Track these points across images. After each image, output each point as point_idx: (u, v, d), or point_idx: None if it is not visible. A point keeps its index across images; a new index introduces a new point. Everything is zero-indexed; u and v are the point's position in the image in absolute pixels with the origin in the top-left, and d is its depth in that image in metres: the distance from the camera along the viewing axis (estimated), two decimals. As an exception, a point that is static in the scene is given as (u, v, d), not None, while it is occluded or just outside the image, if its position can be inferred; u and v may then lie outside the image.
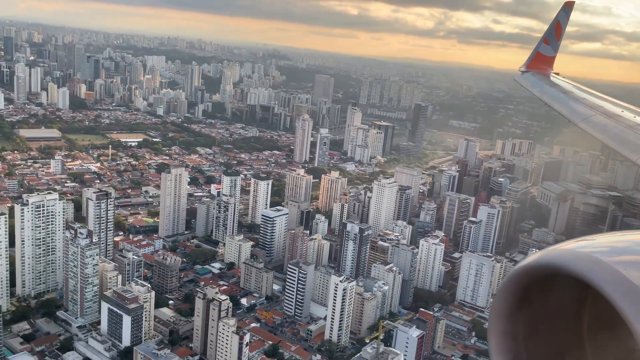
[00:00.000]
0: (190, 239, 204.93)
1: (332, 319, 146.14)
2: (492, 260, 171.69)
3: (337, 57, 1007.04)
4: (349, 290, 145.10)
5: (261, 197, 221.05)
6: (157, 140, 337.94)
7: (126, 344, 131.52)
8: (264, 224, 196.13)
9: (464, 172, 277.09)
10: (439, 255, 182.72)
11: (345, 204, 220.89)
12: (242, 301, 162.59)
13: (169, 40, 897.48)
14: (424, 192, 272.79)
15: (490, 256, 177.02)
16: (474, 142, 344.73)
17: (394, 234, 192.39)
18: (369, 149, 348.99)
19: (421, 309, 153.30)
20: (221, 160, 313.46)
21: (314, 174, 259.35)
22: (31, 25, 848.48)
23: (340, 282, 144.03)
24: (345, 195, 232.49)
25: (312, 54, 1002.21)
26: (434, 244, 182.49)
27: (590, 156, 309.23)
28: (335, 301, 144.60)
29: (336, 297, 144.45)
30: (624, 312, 4.39)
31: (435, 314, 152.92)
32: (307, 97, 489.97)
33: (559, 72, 29.88)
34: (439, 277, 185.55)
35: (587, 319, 5.75)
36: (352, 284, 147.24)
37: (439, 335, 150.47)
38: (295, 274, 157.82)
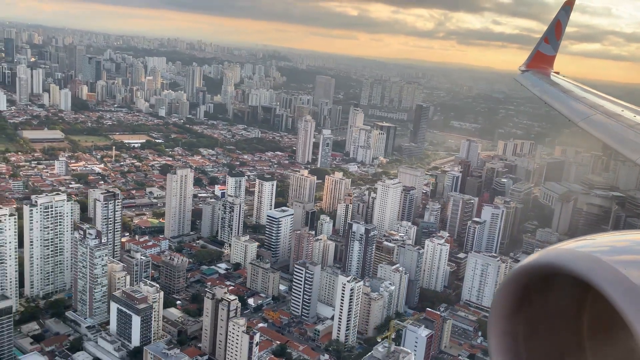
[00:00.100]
0: (195, 240, 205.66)
1: (340, 319, 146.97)
2: (498, 260, 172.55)
3: (336, 58, 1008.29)
4: (357, 290, 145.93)
5: (266, 197, 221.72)
6: (159, 141, 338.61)
7: (135, 344, 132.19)
8: (269, 224, 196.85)
9: (467, 172, 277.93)
10: (445, 255, 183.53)
11: (349, 204, 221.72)
12: (249, 301, 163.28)
13: (169, 41, 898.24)
14: (426, 192, 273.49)
15: (495, 256, 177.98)
16: (475, 142, 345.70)
17: (399, 235, 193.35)
18: (371, 149, 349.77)
19: (428, 309, 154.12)
20: (224, 161, 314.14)
21: (317, 175, 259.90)
22: (31, 26, 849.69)
23: (347, 282, 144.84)
24: (349, 196, 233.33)
25: (311, 55, 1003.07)
26: (439, 244, 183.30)
27: (592, 156, 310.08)
28: (342, 301, 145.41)
29: (344, 297, 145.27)
30: (624, 311, 4.35)
31: (441, 314, 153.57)
32: (308, 98, 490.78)
33: (559, 71, 30.05)
34: (444, 277, 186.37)
35: (587, 318, 5.75)
36: (360, 284, 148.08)
37: (445, 335, 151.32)
38: (302, 274, 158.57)
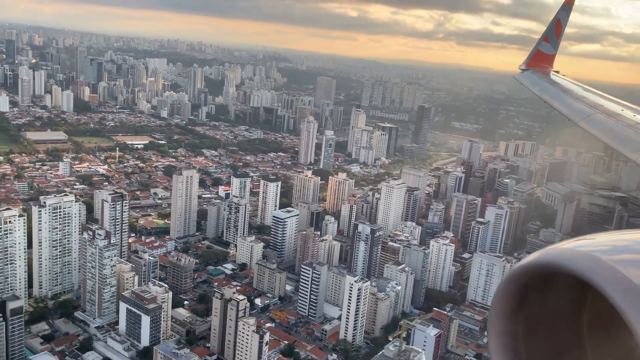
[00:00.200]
0: (201, 241, 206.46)
1: (347, 319, 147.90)
2: (503, 260, 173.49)
3: (336, 59, 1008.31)
4: (364, 290, 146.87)
5: (270, 198, 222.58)
6: (162, 142, 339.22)
7: (145, 344, 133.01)
8: (275, 225, 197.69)
9: (469, 173, 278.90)
10: (450, 255, 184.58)
11: (354, 205, 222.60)
12: (256, 301, 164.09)
13: (169, 42, 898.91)
14: (429, 193, 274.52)
15: (500, 256, 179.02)
16: (477, 143, 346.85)
17: (404, 235, 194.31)
18: (374, 150, 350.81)
19: (435, 309, 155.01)
20: (227, 162, 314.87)
21: (320, 176, 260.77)
22: (31, 27, 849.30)
23: (355, 282, 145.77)
24: (353, 196, 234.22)
25: (311, 56, 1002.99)
26: (444, 244, 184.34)
27: (593, 157, 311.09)
28: (350, 301, 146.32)
29: (351, 297, 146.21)
30: (623, 311, 4.36)
31: (448, 314, 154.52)
32: (309, 99, 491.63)
33: (558, 71, 30.03)
34: (449, 277, 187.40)
35: (586, 318, 5.76)
36: (367, 284, 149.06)
37: (452, 334, 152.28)
38: (309, 274, 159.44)
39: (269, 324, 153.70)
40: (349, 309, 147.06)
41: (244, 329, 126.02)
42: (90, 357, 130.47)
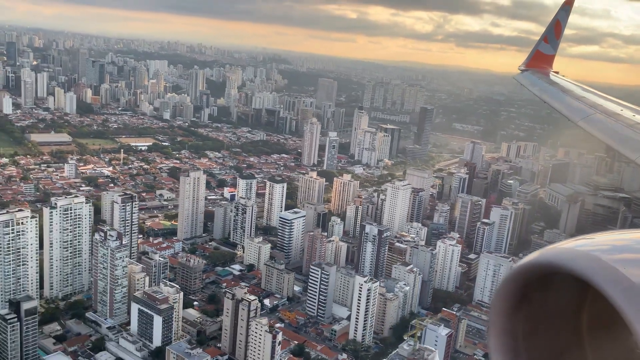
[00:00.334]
0: (208, 242, 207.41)
1: (357, 319, 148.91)
2: (510, 260, 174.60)
3: (336, 61, 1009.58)
4: (373, 290, 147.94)
5: (276, 199, 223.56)
6: (166, 144, 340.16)
7: (157, 344, 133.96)
8: (281, 226, 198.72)
9: (473, 174, 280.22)
10: (456, 256, 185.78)
11: (359, 206, 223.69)
12: (265, 302, 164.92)
13: (169, 44, 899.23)
14: (433, 194, 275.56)
15: (507, 257, 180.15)
16: (479, 144, 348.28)
17: (410, 236, 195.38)
18: (376, 152, 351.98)
19: (444, 309, 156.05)
20: (231, 163, 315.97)
21: (324, 177, 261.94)
22: (31, 29, 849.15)
23: (364, 282, 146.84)
24: (359, 197, 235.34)
25: (311, 57, 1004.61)
26: (450, 245, 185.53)
27: (595, 158, 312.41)
28: (359, 301, 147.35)
29: (361, 298, 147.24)
30: (623, 310, 4.36)
31: (457, 314, 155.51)
32: (311, 100, 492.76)
33: (558, 71, 29.99)
34: (456, 278, 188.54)
35: (586, 317, 5.75)
36: (376, 285, 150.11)
37: (460, 334, 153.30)
38: (318, 275, 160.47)
39: (278, 324, 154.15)
40: (359, 309, 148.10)
41: (256, 328, 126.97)
42: (103, 357, 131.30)
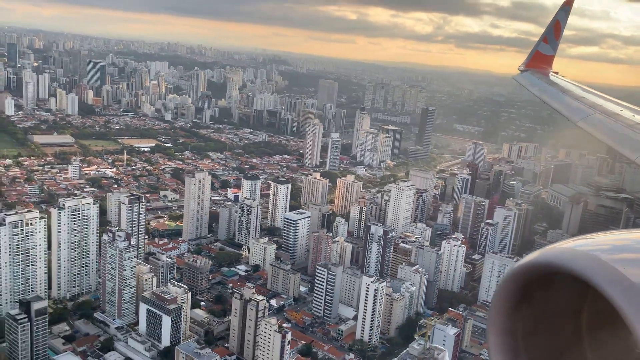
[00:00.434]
0: (213, 242, 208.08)
1: (364, 319, 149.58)
2: (515, 261, 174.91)
3: (335, 62, 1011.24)
4: (380, 290, 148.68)
5: (280, 200, 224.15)
6: (168, 145, 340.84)
7: (165, 344, 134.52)
8: (286, 226, 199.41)
9: (475, 175, 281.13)
10: (461, 256, 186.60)
11: (363, 207, 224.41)
12: (272, 302, 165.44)
13: (169, 45, 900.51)
14: (435, 195, 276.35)
15: (512, 257, 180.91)
16: (481, 145, 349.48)
17: (415, 236, 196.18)
18: (378, 153, 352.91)
19: (450, 309, 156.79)
20: (233, 164, 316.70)
21: (327, 178, 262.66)
22: (31, 31, 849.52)
23: (372, 282, 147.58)
24: (363, 198, 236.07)
25: (311, 59, 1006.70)
26: (455, 245, 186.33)
27: (597, 159, 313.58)
28: (366, 301, 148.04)
29: (367, 298, 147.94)
30: (622, 310, 4.37)
31: (462, 314, 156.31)
32: (312, 101, 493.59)
33: (557, 71, 29.99)
34: (461, 278, 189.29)
35: (586, 317, 5.77)
36: (383, 285, 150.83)
37: (466, 334, 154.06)
38: (324, 275, 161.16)
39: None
40: (366, 310, 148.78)
41: (266, 328, 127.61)
42: (112, 357, 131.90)
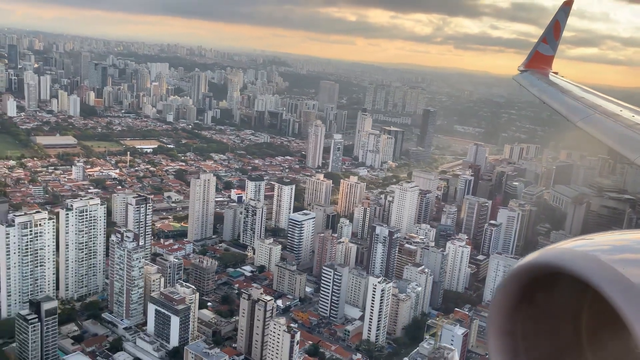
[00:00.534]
0: (218, 243, 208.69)
1: (370, 319, 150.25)
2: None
3: (334, 63, 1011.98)
4: (387, 291, 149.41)
5: (285, 201, 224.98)
6: (171, 146, 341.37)
7: (174, 344, 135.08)
8: (292, 227, 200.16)
9: (478, 176, 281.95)
10: (466, 257, 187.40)
11: (367, 208, 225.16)
12: (278, 302, 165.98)
13: (169, 47, 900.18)
14: (438, 196, 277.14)
15: (517, 258, 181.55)
16: (483, 146, 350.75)
17: (420, 237, 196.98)
18: (380, 154, 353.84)
19: (456, 309, 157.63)
20: (236, 166, 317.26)
21: (330, 179, 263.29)
22: (30, 32, 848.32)
23: (378, 283, 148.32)
24: (367, 199, 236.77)
25: (310, 60, 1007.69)
26: (460, 246, 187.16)
27: (598, 160, 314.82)
28: (373, 302, 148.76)
29: (374, 298, 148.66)
30: (622, 311, 4.36)
31: (469, 314, 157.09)
32: (313, 103, 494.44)
33: (557, 72, 29.91)
34: (465, 278, 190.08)
35: (586, 318, 5.72)
36: (390, 285, 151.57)
37: (472, 334, 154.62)
38: (330, 276, 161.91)
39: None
40: (372, 310, 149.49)
41: (275, 328, 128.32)
42: (121, 357, 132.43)
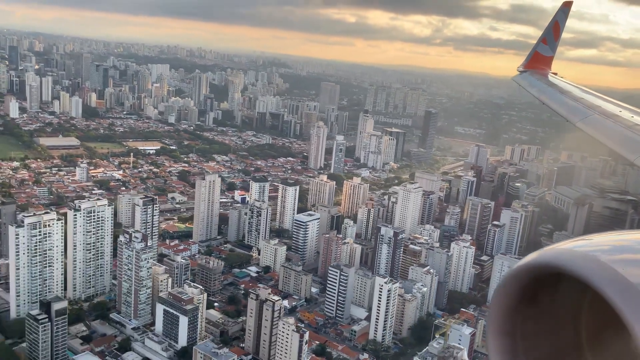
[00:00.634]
0: (223, 244, 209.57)
1: (377, 320, 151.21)
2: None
3: (334, 65, 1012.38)
4: (393, 291, 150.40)
5: (289, 202, 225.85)
6: (173, 148, 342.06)
7: (182, 344, 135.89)
8: (296, 228, 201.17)
9: (480, 177, 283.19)
10: (470, 258, 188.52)
11: (371, 208, 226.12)
12: (284, 303, 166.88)
13: (169, 48, 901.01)
14: (440, 197, 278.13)
15: (521, 259, 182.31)
16: (484, 148, 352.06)
17: (424, 238, 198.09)
18: (382, 155, 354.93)
19: (462, 309, 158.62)
20: (238, 167, 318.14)
21: (332, 180, 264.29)
22: (30, 34, 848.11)
23: (385, 283, 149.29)
24: (371, 200, 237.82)
25: (310, 61, 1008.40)
26: (464, 247, 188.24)
27: (600, 161, 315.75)
28: (380, 302, 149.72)
29: (381, 298, 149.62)
30: (621, 311, 4.37)
31: (474, 314, 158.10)
32: (315, 104, 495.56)
33: (556, 72, 29.91)
34: (470, 279, 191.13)
35: (585, 318, 5.72)
36: (396, 286, 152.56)
37: (478, 334, 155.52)
38: (336, 276, 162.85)
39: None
40: (379, 310, 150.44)
41: (284, 328, 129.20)
42: (129, 357, 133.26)
